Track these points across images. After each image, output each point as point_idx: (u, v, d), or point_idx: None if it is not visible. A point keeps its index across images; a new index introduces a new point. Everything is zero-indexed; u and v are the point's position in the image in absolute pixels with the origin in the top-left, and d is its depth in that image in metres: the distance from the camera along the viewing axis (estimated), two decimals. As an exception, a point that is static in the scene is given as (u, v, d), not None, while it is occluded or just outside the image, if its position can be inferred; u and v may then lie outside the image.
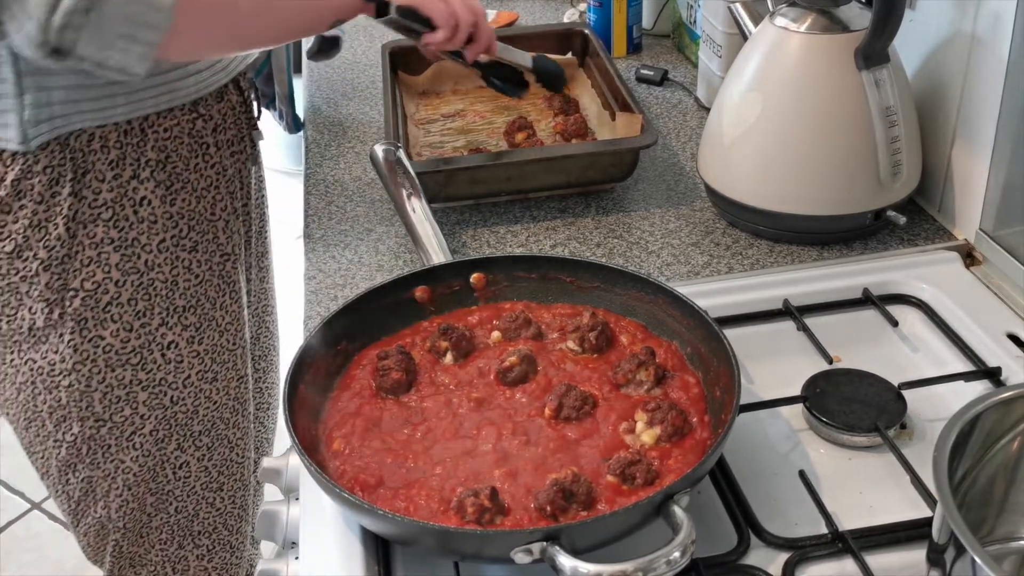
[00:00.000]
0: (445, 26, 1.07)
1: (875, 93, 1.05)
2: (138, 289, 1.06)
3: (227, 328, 1.15)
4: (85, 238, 1.02)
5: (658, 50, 1.65)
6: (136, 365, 1.09)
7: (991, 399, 0.71)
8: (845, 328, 0.99)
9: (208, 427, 1.17)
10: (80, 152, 1.00)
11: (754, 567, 0.75)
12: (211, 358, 1.14)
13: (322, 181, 1.32)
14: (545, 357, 0.90)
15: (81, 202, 1.01)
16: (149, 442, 1.13)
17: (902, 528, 0.77)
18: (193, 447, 1.17)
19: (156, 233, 1.06)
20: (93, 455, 1.12)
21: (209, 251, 1.11)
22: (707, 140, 1.17)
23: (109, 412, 1.10)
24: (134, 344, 1.08)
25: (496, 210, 1.22)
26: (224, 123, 1.12)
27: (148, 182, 1.04)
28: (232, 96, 1.13)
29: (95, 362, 1.07)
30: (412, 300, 0.95)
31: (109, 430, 1.11)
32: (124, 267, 1.05)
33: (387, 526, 0.73)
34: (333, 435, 0.83)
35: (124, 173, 1.02)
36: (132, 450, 1.13)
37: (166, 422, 1.13)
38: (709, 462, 0.74)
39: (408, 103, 1.44)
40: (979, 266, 1.07)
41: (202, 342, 1.13)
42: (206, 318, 1.13)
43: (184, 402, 1.14)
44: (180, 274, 1.09)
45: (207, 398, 1.16)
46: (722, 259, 1.11)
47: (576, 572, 0.66)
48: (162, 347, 1.10)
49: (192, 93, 1.05)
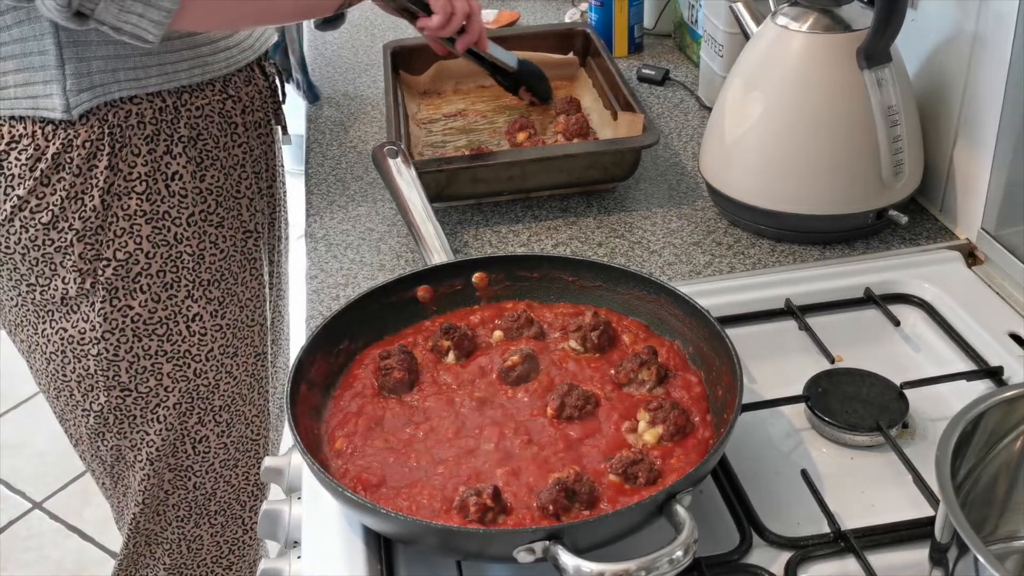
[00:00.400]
0: (441, 12, 1.14)
1: (877, 92, 1.05)
2: (167, 261, 1.10)
3: (247, 303, 1.19)
4: (119, 210, 1.06)
5: (659, 50, 1.65)
6: (162, 336, 1.12)
7: (993, 398, 0.71)
8: (847, 327, 0.99)
9: (228, 402, 1.21)
10: (118, 127, 1.04)
11: (756, 566, 0.75)
12: (232, 333, 1.18)
13: (324, 180, 1.32)
14: (547, 356, 0.90)
15: (117, 175, 1.05)
16: (172, 415, 1.17)
17: (904, 527, 0.77)
18: (213, 422, 1.20)
19: (186, 207, 1.10)
20: (120, 425, 1.16)
21: (234, 227, 1.15)
22: (709, 140, 1.17)
23: (135, 382, 1.14)
24: (161, 315, 1.12)
25: (498, 210, 1.22)
26: (252, 105, 1.17)
27: (180, 157, 1.08)
28: (259, 80, 1.19)
29: (123, 331, 1.10)
30: (414, 299, 0.95)
31: (135, 400, 1.15)
32: (155, 239, 1.09)
33: (390, 525, 0.73)
34: (335, 434, 0.83)
35: (158, 148, 1.07)
36: (156, 423, 1.16)
37: (188, 395, 1.17)
38: (711, 461, 0.74)
39: (410, 103, 1.44)
40: (981, 265, 1.07)
41: (224, 316, 1.16)
42: (229, 292, 1.16)
43: (206, 375, 1.17)
44: (207, 248, 1.13)
45: (228, 373, 1.19)
46: (724, 258, 1.11)
47: (579, 571, 0.66)
48: (187, 319, 1.13)
49: (222, 68, 1.10)
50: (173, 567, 1.28)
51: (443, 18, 1.15)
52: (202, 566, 1.29)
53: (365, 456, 0.80)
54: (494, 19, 1.75)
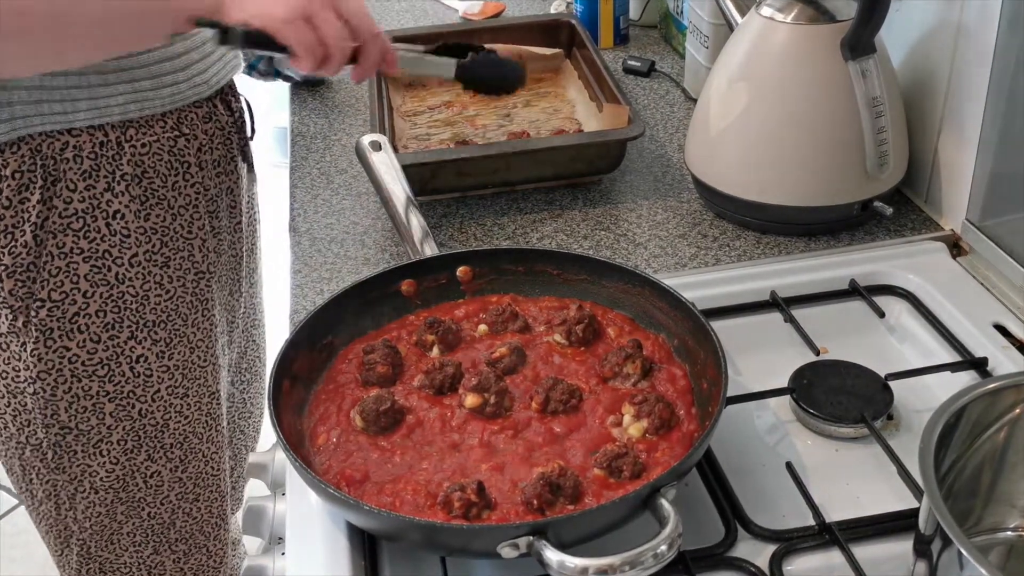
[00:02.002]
0: (307, 55, 0.89)
1: (861, 84, 1.05)
2: (107, 301, 1.02)
3: (198, 345, 1.11)
4: (54, 248, 0.98)
5: (645, 41, 1.65)
6: (103, 377, 1.05)
7: (977, 390, 0.71)
8: (832, 319, 0.99)
9: (180, 440, 1.13)
10: (52, 159, 0.96)
11: (741, 559, 0.75)
12: (181, 374, 1.10)
13: (308, 174, 1.31)
14: (532, 350, 0.89)
15: (51, 210, 0.97)
16: (117, 450, 1.10)
17: (889, 519, 0.77)
18: (165, 459, 1.13)
19: (128, 247, 1.02)
20: (59, 460, 1.09)
21: (183, 268, 1.07)
22: (694, 131, 1.17)
23: (75, 421, 1.06)
24: (101, 356, 1.04)
25: (483, 203, 1.22)
26: (211, 143, 1.08)
27: (122, 195, 1.00)
28: (222, 116, 1.09)
29: (60, 372, 1.03)
30: (398, 294, 0.95)
31: (75, 437, 1.08)
32: (93, 279, 1.01)
33: (373, 521, 0.73)
34: (318, 430, 0.82)
35: (98, 184, 0.98)
36: (99, 456, 1.09)
37: (134, 433, 1.10)
38: (696, 455, 0.74)
39: (394, 95, 1.43)
40: (966, 256, 1.07)
41: (172, 357, 1.09)
42: (177, 334, 1.09)
43: (153, 415, 1.10)
44: (152, 289, 1.05)
45: (178, 412, 1.12)
46: (709, 251, 1.11)
47: (563, 566, 0.65)
48: (130, 360, 1.06)
49: (167, 104, 1.01)
50: None
51: (312, 60, 0.89)
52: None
53: (348, 452, 0.80)
54: (479, 10, 1.75)
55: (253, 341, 1.33)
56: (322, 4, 0.88)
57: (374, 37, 0.94)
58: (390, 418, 0.82)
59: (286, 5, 0.87)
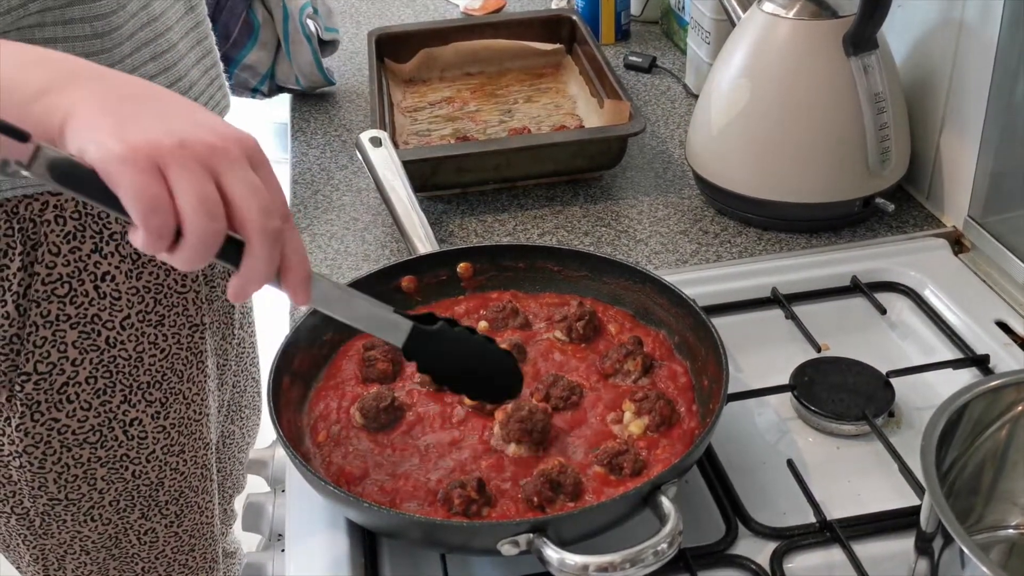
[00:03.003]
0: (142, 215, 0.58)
1: (863, 79, 1.04)
2: (98, 367, 0.95)
3: (194, 399, 1.05)
4: (38, 317, 0.91)
5: (646, 37, 1.64)
6: (95, 443, 0.99)
7: (979, 387, 0.71)
8: (833, 316, 0.99)
9: (175, 496, 1.08)
10: (31, 222, 0.88)
11: (742, 557, 0.75)
12: (177, 431, 1.04)
13: (308, 170, 1.31)
14: (532, 347, 0.89)
15: (33, 277, 0.90)
16: (110, 512, 1.04)
17: (890, 517, 0.77)
18: (159, 515, 1.08)
19: (119, 309, 0.95)
20: (47, 527, 1.03)
21: (178, 324, 1.00)
22: (695, 127, 1.17)
23: (64, 492, 1.00)
24: (93, 423, 0.98)
25: (483, 199, 1.21)
26: None
27: (112, 256, 0.92)
28: None
29: (49, 444, 0.97)
30: (398, 290, 0.94)
31: (65, 507, 1.02)
32: (82, 345, 0.94)
33: (372, 518, 0.73)
34: (318, 427, 0.82)
35: (83, 247, 0.91)
36: (91, 522, 1.04)
37: (128, 494, 1.04)
38: (697, 452, 0.74)
39: (395, 91, 1.43)
40: (967, 253, 1.07)
41: (168, 416, 1.03)
42: (172, 392, 1.02)
43: (147, 476, 1.04)
44: (145, 349, 0.98)
45: (173, 469, 1.06)
46: (710, 247, 1.11)
47: (563, 564, 0.65)
48: (124, 424, 0.99)
49: None
50: None
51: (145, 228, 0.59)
52: None
53: (348, 449, 0.79)
54: (480, 6, 1.74)
55: (251, 378, 1.28)
56: (191, 155, 0.59)
57: (268, 234, 0.61)
58: (390, 415, 0.81)
59: (130, 139, 0.58)
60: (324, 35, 1.45)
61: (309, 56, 1.41)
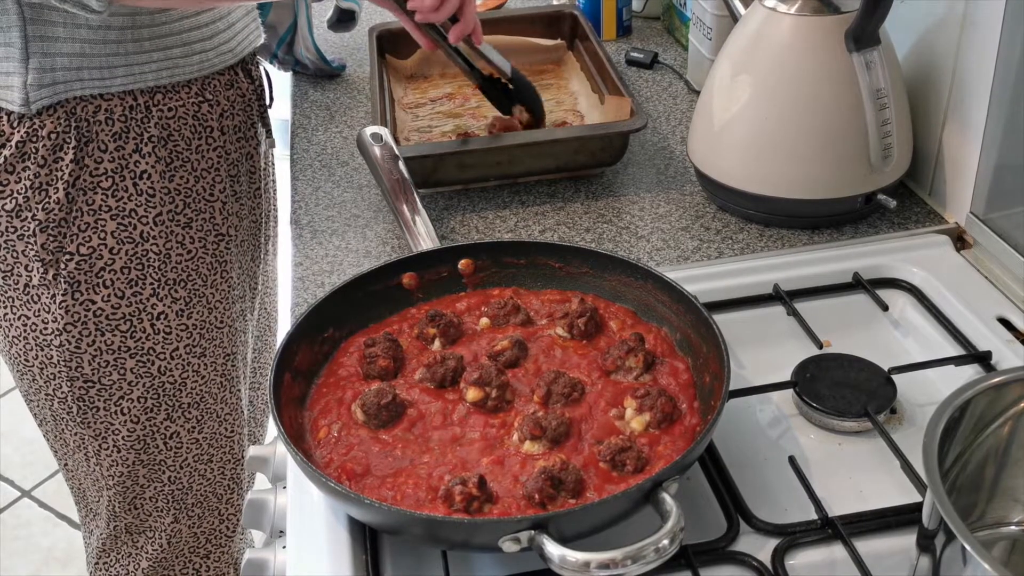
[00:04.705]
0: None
1: (865, 75, 1.04)
2: (132, 258, 1.08)
3: (216, 305, 1.17)
4: (84, 204, 1.04)
5: (648, 32, 1.64)
6: (125, 332, 1.11)
7: (981, 384, 0.70)
8: (835, 313, 0.99)
9: (197, 400, 1.19)
10: (85, 121, 1.02)
11: (744, 554, 0.75)
12: (199, 333, 1.16)
13: (309, 166, 1.30)
14: (534, 344, 0.89)
15: (83, 169, 1.03)
16: (138, 408, 1.15)
17: (892, 513, 0.76)
18: (183, 418, 1.19)
19: (153, 206, 1.08)
20: (83, 415, 1.15)
21: (204, 230, 1.13)
22: (697, 123, 1.17)
23: (98, 375, 1.12)
24: (124, 311, 1.10)
25: (485, 195, 1.21)
26: (232, 109, 1.14)
27: (149, 157, 1.06)
28: (243, 84, 1.16)
29: (85, 324, 1.09)
30: (400, 287, 0.94)
31: (98, 392, 1.13)
32: (120, 236, 1.07)
33: (373, 515, 0.73)
34: (319, 423, 0.82)
35: (127, 146, 1.05)
36: (121, 415, 1.15)
37: (154, 391, 1.15)
38: (698, 449, 0.74)
39: (396, 87, 1.42)
40: (970, 249, 1.07)
41: (191, 316, 1.14)
42: (196, 293, 1.14)
43: (172, 373, 1.15)
44: (174, 248, 1.11)
45: (195, 371, 1.17)
46: (712, 243, 1.11)
47: (564, 561, 0.65)
48: (152, 317, 1.11)
49: (195, 71, 1.08)
50: (154, 557, 1.27)
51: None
52: (181, 557, 1.29)
53: (349, 445, 0.79)
54: (482, 2, 1.74)
55: (265, 309, 1.37)
56: None
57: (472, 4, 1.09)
58: (391, 412, 0.81)
59: None
60: (343, 3, 1.46)
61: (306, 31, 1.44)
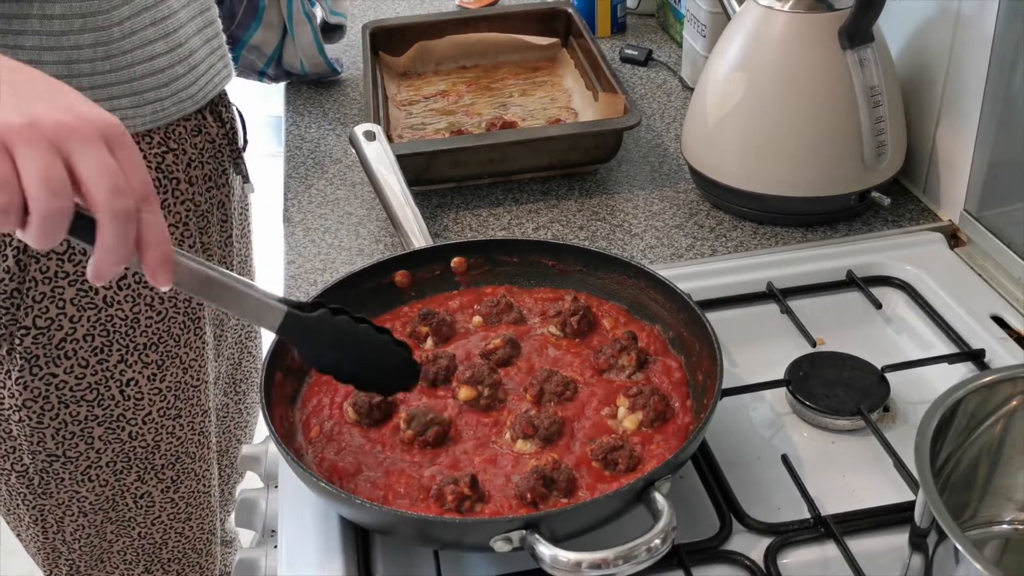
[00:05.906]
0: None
1: (859, 73, 1.04)
2: (95, 325, 0.99)
3: (191, 365, 1.09)
4: (38, 272, 0.95)
5: (643, 29, 1.64)
6: (92, 401, 1.02)
7: (975, 382, 0.70)
8: (829, 311, 0.98)
9: (172, 461, 1.11)
10: None
11: (736, 553, 0.74)
12: (174, 395, 1.08)
13: (302, 164, 1.30)
14: (527, 342, 0.89)
15: None
16: (107, 473, 1.07)
17: (885, 512, 0.76)
18: (156, 479, 1.11)
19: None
20: (45, 486, 1.06)
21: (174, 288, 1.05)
22: (691, 121, 1.16)
23: (62, 448, 1.04)
24: (90, 380, 1.01)
25: (478, 193, 1.21)
26: (201, 157, 1.05)
27: None
28: (211, 128, 1.07)
29: (47, 399, 1.00)
30: (392, 285, 0.94)
31: (63, 464, 1.05)
32: (80, 303, 0.97)
33: (365, 515, 0.73)
34: (311, 422, 0.82)
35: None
36: (88, 482, 1.07)
37: (124, 455, 1.07)
38: (691, 447, 0.74)
39: (389, 84, 1.42)
40: (963, 247, 1.07)
41: (164, 379, 1.06)
42: (169, 355, 1.06)
43: (144, 437, 1.07)
44: (142, 311, 1.02)
45: (169, 433, 1.09)
46: (706, 241, 1.10)
47: (555, 560, 0.65)
48: (120, 384, 1.03)
49: (149, 122, 0.97)
50: None
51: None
52: None
53: (341, 445, 0.79)
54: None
55: (248, 352, 1.30)
56: (39, 134, 0.58)
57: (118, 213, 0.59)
58: (383, 411, 0.81)
59: None
60: (331, 19, 1.45)
61: (311, 38, 1.41)
